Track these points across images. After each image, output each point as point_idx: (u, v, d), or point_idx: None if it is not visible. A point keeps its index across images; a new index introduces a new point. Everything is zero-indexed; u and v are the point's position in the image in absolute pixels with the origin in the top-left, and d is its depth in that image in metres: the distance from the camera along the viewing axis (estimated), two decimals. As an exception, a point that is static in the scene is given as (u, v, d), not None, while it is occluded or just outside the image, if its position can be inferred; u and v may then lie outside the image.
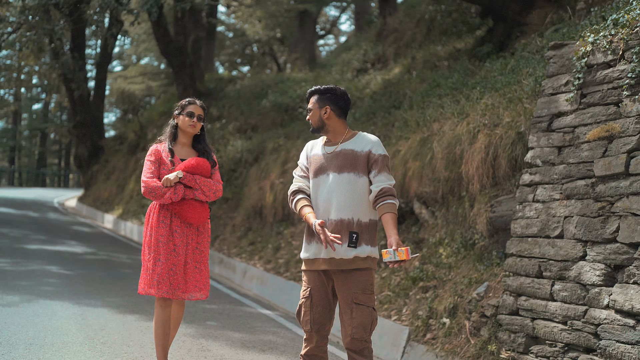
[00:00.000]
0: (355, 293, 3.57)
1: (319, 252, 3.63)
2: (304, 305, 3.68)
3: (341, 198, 3.60)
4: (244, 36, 29.04)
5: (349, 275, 3.59)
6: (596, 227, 4.31)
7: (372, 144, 3.68)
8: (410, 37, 14.32)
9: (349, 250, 3.56)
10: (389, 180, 3.62)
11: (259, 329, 6.36)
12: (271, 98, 15.80)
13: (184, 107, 4.40)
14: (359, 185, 3.62)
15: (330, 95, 3.75)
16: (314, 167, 3.74)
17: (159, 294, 4.17)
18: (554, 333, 4.44)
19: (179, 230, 4.26)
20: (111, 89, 33.36)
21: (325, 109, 3.72)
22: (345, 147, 3.68)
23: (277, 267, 8.99)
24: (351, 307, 3.56)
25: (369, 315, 3.57)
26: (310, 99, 3.81)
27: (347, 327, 3.58)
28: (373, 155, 3.64)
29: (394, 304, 6.29)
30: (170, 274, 4.19)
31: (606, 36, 4.63)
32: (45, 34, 14.25)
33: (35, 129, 47.88)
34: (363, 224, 3.61)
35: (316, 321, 3.65)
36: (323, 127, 3.75)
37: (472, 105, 7.24)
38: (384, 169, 3.63)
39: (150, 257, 4.22)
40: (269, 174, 11.31)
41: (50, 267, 8.80)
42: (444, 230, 6.65)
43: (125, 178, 19.82)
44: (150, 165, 4.30)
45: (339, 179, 3.63)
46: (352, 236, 3.56)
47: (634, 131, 4.23)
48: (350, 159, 3.63)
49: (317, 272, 3.67)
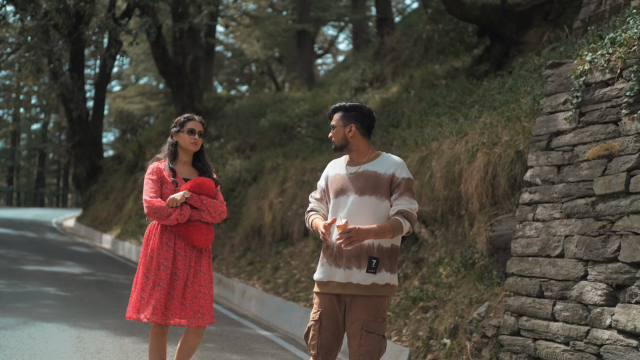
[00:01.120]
0: (366, 320, 3.43)
1: (332, 274, 3.51)
2: (313, 329, 3.55)
3: (361, 221, 3.43)
4: (242, 56, 29.17)
5: (363, 302, 3.45)
6: (597, 246, 4.28)
7: (397, 166, 3.51)
8: (408, 56, 14.39)
9: (367, 276, 3.43)
10: (410, 204, 3.47)
11: (257, 350, 6.29)
12: (269, 117, 15.83)
13: (183, 124, 4.18)
14: (380, 209, 3.47)
15: (355, 113, 3.60)
16: (335, 187, 3.60)
17: (153, 319, 3.92)
18: (556, 354, 4.39)
19: (182, 253, 4.03)
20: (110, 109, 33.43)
21: (350, 127, 3.57)
22: (368, 169, 3.52)
23: (276, 287, 8.93)
24: (361, 334, 3.42)
25: (378, 344, 3.45)
26: (333, 115, 3.66)
27: (355, 354, 3.46)
28: (396, 179, 3.48)
29: (394, 325, 6.23)
30: (168, 299, 3.97)
31: (604, 55, 4.64)
32: (44, 54, 14.30)
33: (33, 149, 47.89)
34: (384, 250, 3.47)
35: (324, 346, 3.52)
36: (346, 146, 3.60)
37: (470, 124, 7.24)
38: (406, 193, 3.47)
39: (148, 281, 3.98)
40: (267, 193, 11.28)
41: (47, 289, 8.73)
42: (444, 249, 6.61)
43: (124, 198, 19.78)
44: (152, 184, 4.07)
45: (360, 201, 3.48)
46: (372, 262, 3.42)
47: (633, 149, 4.22)
48: (372, 182, 3.48)
49: (330, 296, 3.54)
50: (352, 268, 3.45)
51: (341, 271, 3.47)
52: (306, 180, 10.54)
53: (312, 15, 23.38)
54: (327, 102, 15.23)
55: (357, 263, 3.45)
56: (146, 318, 3.93)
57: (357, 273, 3.44)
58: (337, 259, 3.50)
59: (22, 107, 36.55)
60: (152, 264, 4.01)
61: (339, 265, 3.49)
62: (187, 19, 15.86)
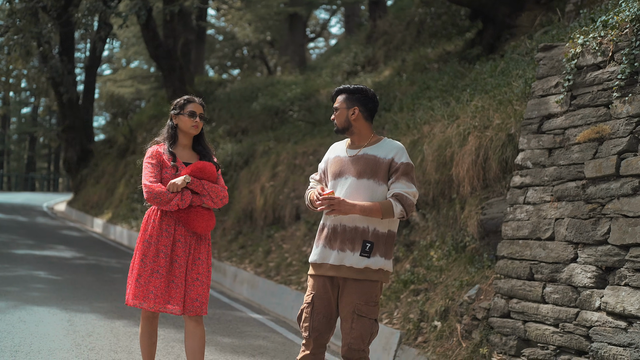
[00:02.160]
0: (358, 304, 3.44)
1: (327, 256, 3.51)
2: (306, 312, 3.56)
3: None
4: (234, 39, 28.99)
5: (355, 285, 3.45)
6: (587, 229, 4.30)
7: (396, 151, 3.50)
8: (400, 40, 14.33)
9: (360, 260, 3.43)
10: (407, 188, 3.43)
11: (249, 333, 6.31)
12: (261, 101, 15.76)
13: (184, 106, 4.01)
14: (378, 192, 3.46)
15: (359, 95, 3.58)
16: (333, 169, 3.59)
17: (155, 308, 3.81)
18: (546, 336, 4.42)
19: (182, 239, 3.89)
20: (100, 93, 33.22)
21: (353, 109, 3.56)
22: (368, 152, 3.52)
23: (268, 270, 8.94)
24: (352, 317, 3.44)
25: (370, 327, 3.46)
26: (337, 97, 3.63)
27: (346, 337, 3.47)
28: (395, 164, 3.47)
29: (385, 308, 6.25)
30: (171, 287, 3.83)
31: (595, 38, 4.63)
32: (33, 37, 14.16)
33: (24, 133, 47.58)
34: (380, 234, 3.47)
35: (315, 329, 3.53)
36: (349, 129, 3.58)
37: (462, 108, 7.23)
38: (402, 177, 3.45)
39: (147, 268, 3.84)
40: (259, 177, 11.26)
41: (38, 273, 8.71)
42: (435, 232, 6.62)
43: (115, 182, 19.71)
44: (152, 168, 3.91)
45: (358, 184, 3.47)
46: (366, 245, 3.42)
47: (624, 132, 4.22)
48: (371, 165, 3.47)
49: (323, 279, 3.54)
50: (345, 251, 3.45)
51: (335, 253, 3.47)
52: (298, 164, 10.52)
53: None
54: (318, 85, 15.18)
55: (350, 246, 3.44)
56: (149, 307, 3.82)
57: (350, 256, 3.44)
58: (331, 240, 3.50)
59: (11, 90, 36.22)
60: (150, 250, 3.87)
61: (332, 247, 3.49)
62: (178, 1, 15.71)
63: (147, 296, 3.82)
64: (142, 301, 3.83)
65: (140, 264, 3.87)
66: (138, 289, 3.84)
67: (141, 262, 3.87)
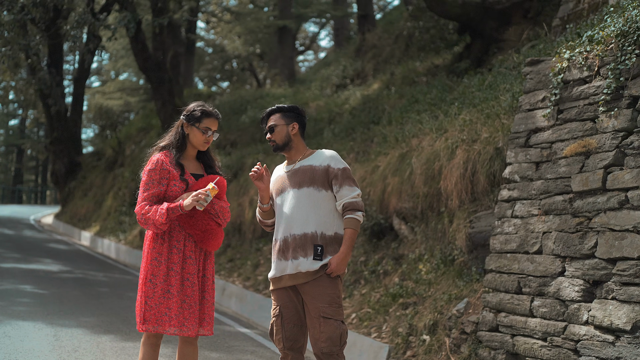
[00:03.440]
0: (322, 307, 3.58)
1: (284, 268, 3.67)
2: (275, 324, 3.71)
3: (303, 213, 3.64)
4: (223, 52, 29.01)
5: (315, 285, 3.60)
6: (574, 243, 4.31)
7: (330, 158, 3.73)
8: (389, 53, 14.40)
9: (314, 263, 3.60)
10: (351, 193, 3.66)
11: (236, 348, 6.26)
12: (250, 114, 15.75)
13: (199, 119, 3.67)
14: (319, 199, 3.66)
15: (294, 113, 3.83)
16: (276, 187, 3.81)
17: (171, 332, 3.53)
18: (534, 349, 4.42)
19: (193, 256, 3.63)
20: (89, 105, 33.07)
21: (293, 125, 3.79)
22: (304, 164, 3.75)
23: (256, 284, 8.90)
24: (319, 321, 3.57)
25: (337, 329, 3.58)
26: (270, 117, 3.83)
27: (317, 342, 3.58)
28: (332, 170, 3.69)
29: (373, 321, 6.23)
30: (184, 307, 3.56)
31: (582, 52, 4.67)
32: (22, 49, 14.08)
33: (11, 145, 47.28)
34: (327, 237, 3.65)
35: (289, 338, 3.66)
36: (288, 144, 3.79)
37: (450, 121, 7.26)
38: (345, 182, 3.67)
39: (157, 289, 3.56)
40: (247, 190, 11.24)
41: (23, 287, 8.61)
42: (424, 246, 6.62)
43: (103, 194, 19.59)
44: (155, 185, 3.58)
45: (299, 194, 3.68)
46: (317, 249, 3.61)
47: (610, 147, 4.25)
48: (309, 174, 3.69)
49: (285, 289, 3.70)
50: (298, 258, 3.62)
51: (289, 263, 3.64)
52: (287, 177, 10.49)
53: (294, 12, 23.31)
54: (308, 98, 15.20)
55: (303, 252, 3.62)
56: (164, 331, 3.55)
57: (304, 262, 3.61)
58: (284, 252, 3.67)
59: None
60: (161, 269, 3.58)
61: (286, 257, 3.66)
62: (167, 14, 15.72)
63: (161, 319, 3.55)
64: (155, 325, 3.56)
65: (149, 284, 3.59)
66: (151, 312, 3.56)
67: (150, 282, 3.59)
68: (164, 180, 3.61)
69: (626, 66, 4.23)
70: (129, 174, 17.96)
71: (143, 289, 3.60)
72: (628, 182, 4.05)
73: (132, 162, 18.97)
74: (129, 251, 13.66)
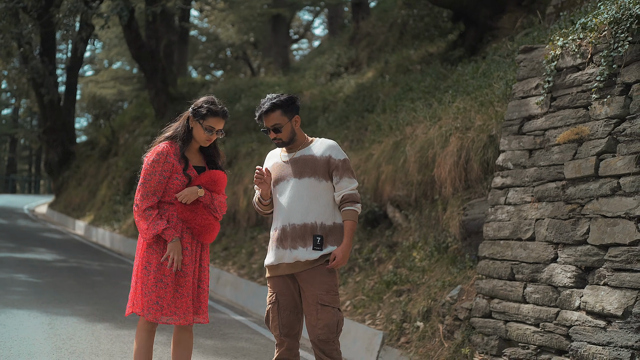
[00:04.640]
0: (320, 294, 3.59)
1: (281, 257, 3.66)
2: (272, 311, 3.70)
3: (304, 203, 3.63)
4: (217, 40, 28.88)
5: (313, 275, 3.60)
6: (567, 229, 4.34)
7: (332, 149, 3.72)
8: (383, 41, 14.37)
9: (314, 253, 3.61)
10: (350, 185, 3.69)
11: (231, 335, 6.29)
12: (244, 102, 15.71)
13: (204, 117, 3.65)
14: (320, 189, 3.66)
15: (293, 105, 3.73)
16: (274, 174, 3.75)
17: (162, 320, 3.58)
18: (527, 335, 4.45)
19: (190, 247, 3.67)
20: (82, 94, 32.91)
21: (295, 119, 3.74)
22: (305, 153, 3.72)
23: (251, 272, 8.92)
24: (316, 308, 3.58)
25: (334, 316, 3.60)
26: (271, 115, 3.66)
27: (313, 329, 3.59)
28: (334, 161, 3.69)
29: (367, 308, 6.26)
30: (177, 297, 3.61)
31: (575, 40, 4.67)
32: (14, 37, 14.02)
33: (4, 135, 47.02)
34: (327, 227, 3.65)
35: (285, 324, 3.66)
36: (294, 138, 3.74)
37: (444, 109, 7.27)
38: (345, 173, 3.68)
39: (150, 277, 3.59)
40: (242, 178, 11.23)
41: (18, 275, 8.61)
42: (417, 233, 6.65)
43: (97, 184, 19.55)
44: (156, 177, 3.59)
45: (300, 184, 3.66)
46: (317, 239, 3.61)
47: (602, 134, 4.27)
48: (310, 164, 3.67)
49: (282, 277, 3.69)
50: (297, 248, 3.61)
51: (288, 252, 3.63)
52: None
53: (287, 0, 23.21)
54: (302, 87, 15.17)
55: (302, 242, 3.61)
56: (155, 318, 3.57)
57: (303, 252, 3.60)
58: (282, 241, 3.65)
59: (-9, 91, 35.93)
60: (156, 258, 3.62)
61: (285, 247, 3.64)
62: (160, 2, 15.62)
63: (155, 307, 3.57)
64: (155, 312, 3.58)
65: (144, 271, 3.63)
66: (145, 299, 3.59)
67: (145, 269, 3.63)
68: (165, 173, 3.63)
69: (619, 53, 4.24)
70: (122, 163, 17.92)
71: (139, 276, 3.65)
72: (620, 168, 4.07)
73: (126, 151, 18.92)
74: (124, 240, 13.67)
